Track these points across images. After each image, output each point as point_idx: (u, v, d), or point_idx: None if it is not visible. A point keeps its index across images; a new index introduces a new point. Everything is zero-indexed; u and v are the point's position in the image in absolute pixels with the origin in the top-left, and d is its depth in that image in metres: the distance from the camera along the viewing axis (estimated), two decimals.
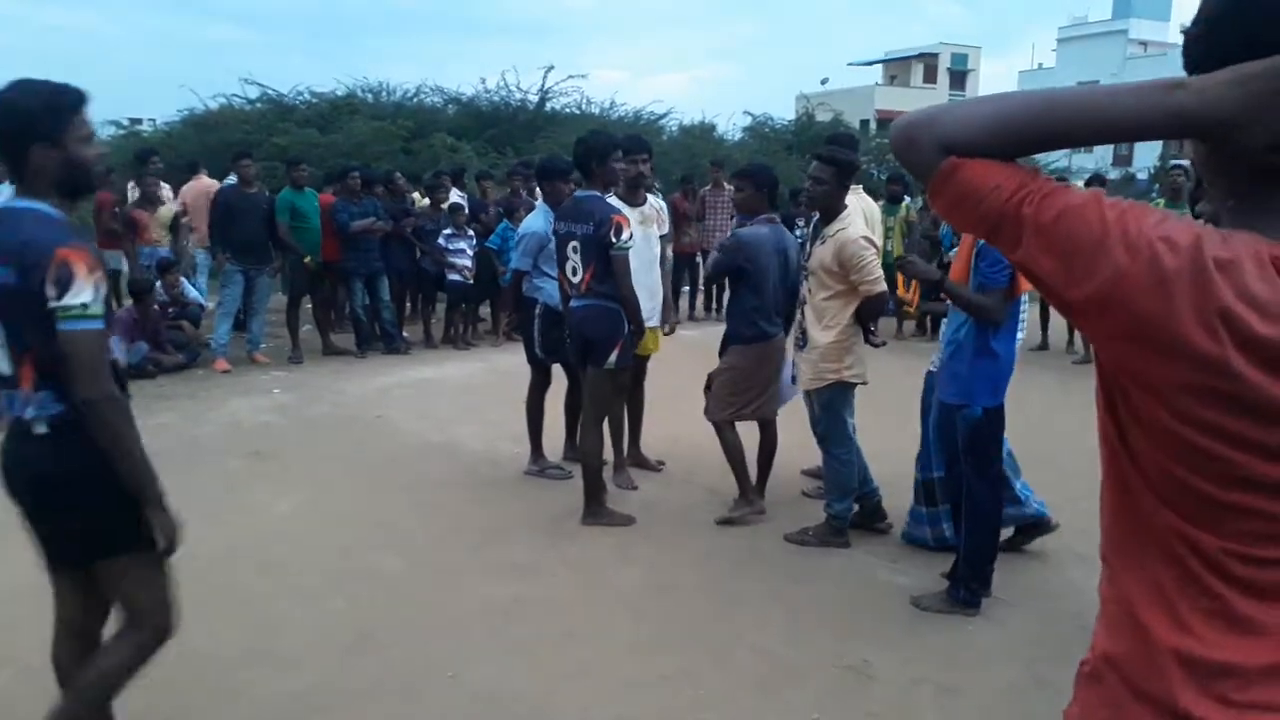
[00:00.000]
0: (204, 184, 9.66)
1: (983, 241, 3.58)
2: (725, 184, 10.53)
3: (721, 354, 4.86)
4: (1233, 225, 0.97)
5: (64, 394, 2.16)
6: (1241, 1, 0.99)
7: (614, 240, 4.48)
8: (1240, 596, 0.98)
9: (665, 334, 5.54)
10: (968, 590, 3.83)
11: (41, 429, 2.19)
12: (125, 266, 9.08)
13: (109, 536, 2.28)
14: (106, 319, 2.17)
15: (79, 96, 2.19)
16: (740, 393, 4.70)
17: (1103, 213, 0.95)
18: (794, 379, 4.62)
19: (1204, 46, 1.02)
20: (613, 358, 4.66)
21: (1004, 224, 1.00)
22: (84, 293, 2.08)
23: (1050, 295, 1.00)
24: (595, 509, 4.76)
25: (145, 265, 8.89)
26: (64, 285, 2.07)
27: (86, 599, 2.42)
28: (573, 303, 4.74)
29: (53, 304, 2.07)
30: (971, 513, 3.77)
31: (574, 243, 4.60)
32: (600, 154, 4.63)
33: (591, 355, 4.70)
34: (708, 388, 4.86)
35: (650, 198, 5.47)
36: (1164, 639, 1.01)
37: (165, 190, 9.48)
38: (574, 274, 4.64)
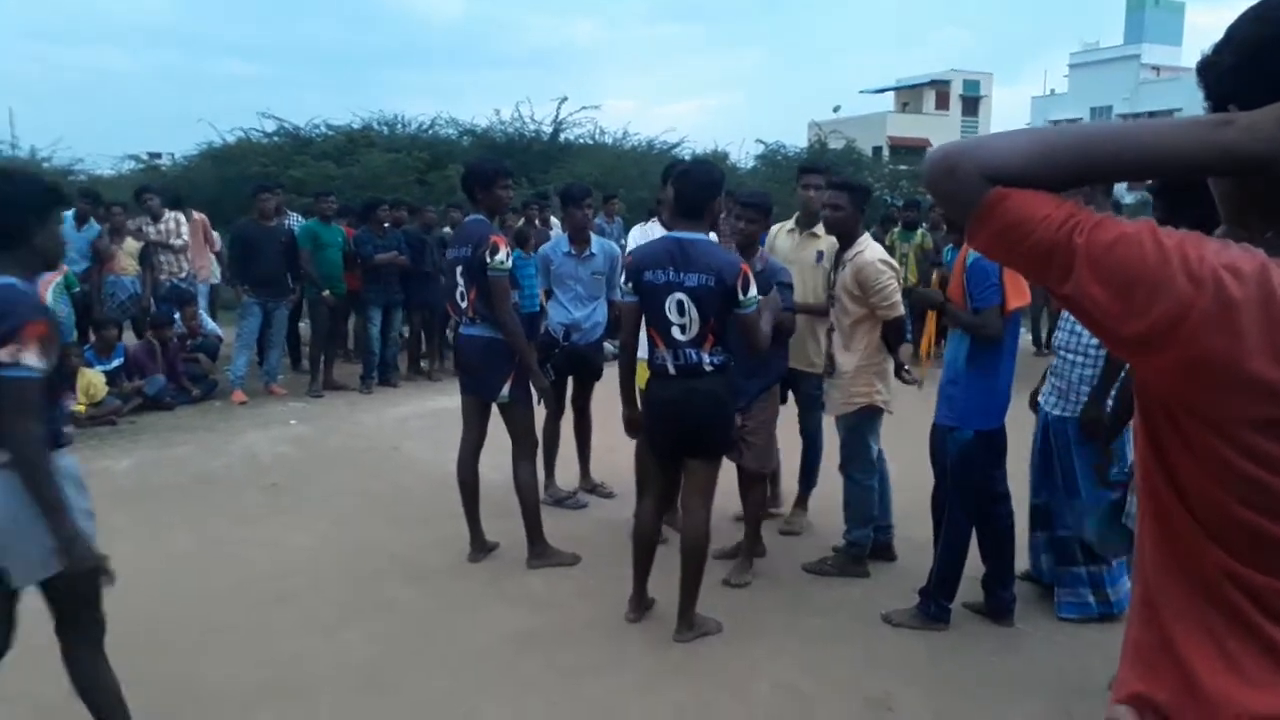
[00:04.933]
0: (196, 218, 9.99)
1: (971, 262, 3.63)
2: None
3: (742, 401, 4.25)
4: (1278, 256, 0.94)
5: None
6: None
7: (488, 260, 4.25)
8: None
9: None
10: (936, 605, 3.89)
11: None
12: (140, 290, 9.04)
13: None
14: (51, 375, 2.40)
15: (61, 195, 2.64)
16: (775, 436, 4.55)
17: (1160, 241, 0.91)
18: (823, 405, 4.56)
19: (1245, 78, 0.99)
20: (504, 391, 4.40)
21: (1054, 255, 0.95)
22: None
23: (1101, 329, 0.96)
24: (540, 549, 4.59)
25: (110, 294, 8.82)
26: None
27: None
28: (461, 329, 4.56)
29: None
30: (948, 531, 3.86)
31: (459, 267, 4.41)
32: (485, 179, 4.44)
33: (483, 388, 4.47)
34: (739, 457, 4.38)
35: (655, 224, 5.24)
36: (1213, 682, 0.96)
37: (177, 224, 9.46)
38: (461, 299, 4.43)
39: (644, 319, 3.72)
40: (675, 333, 3.63)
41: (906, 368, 4.50)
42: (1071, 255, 0.94)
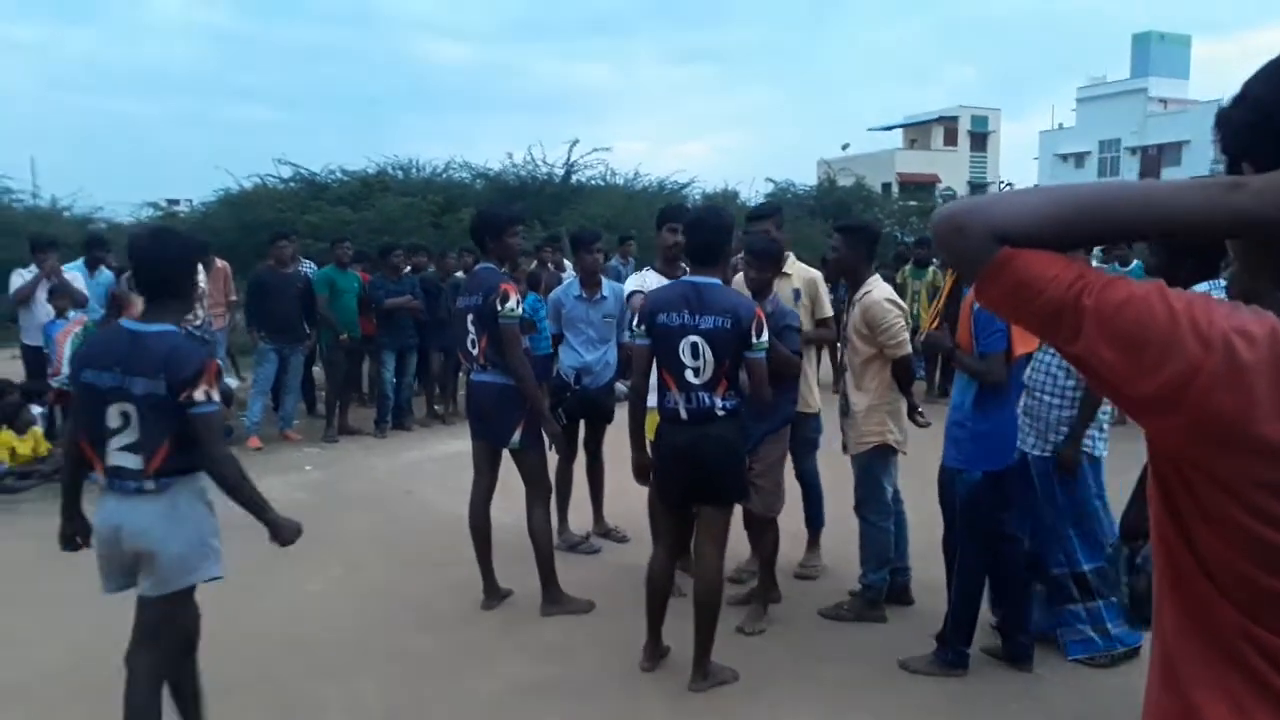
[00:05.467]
0: (219, 266, 10.00)
1: (978, 307, 3.63)
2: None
3: (750, 443, 4.18)
4: None
5: None
6: None
7: (499, 308, 4.27)
8: None
9: None
10: (954, 651, 3.84)
11: None
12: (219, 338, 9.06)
13: None
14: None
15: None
16: (783, 479, 4.47)
17: (1169, 303, 0.91)
18: (844, 447, 4.51)
19: (1258, 136, 1.00)
20: (515, 437, 4.42)
21: (1063, 315, 0.96)
22: None
23: (1109, 390, 0.96)
24: (553, 595, 4.55)
25: None
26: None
27: None
28: (472, 376, 4.59)
29: None
30: (961, 574, 3.83)
31: (470, 315, 4.43)
32: (496, 228, 4.46)
33: (494, 435, 4.49)
34: (747, 501, 4.34)
35: (650, 272, 5.18)
36: None
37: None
38: (472, 346, 4.46)
39: (656, 363, 3.73)
40: (689, 376, 3.63)
41: (920, 409, 4.49)
42: (1081, 315, 0.94)
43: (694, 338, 3.61)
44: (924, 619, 4.31)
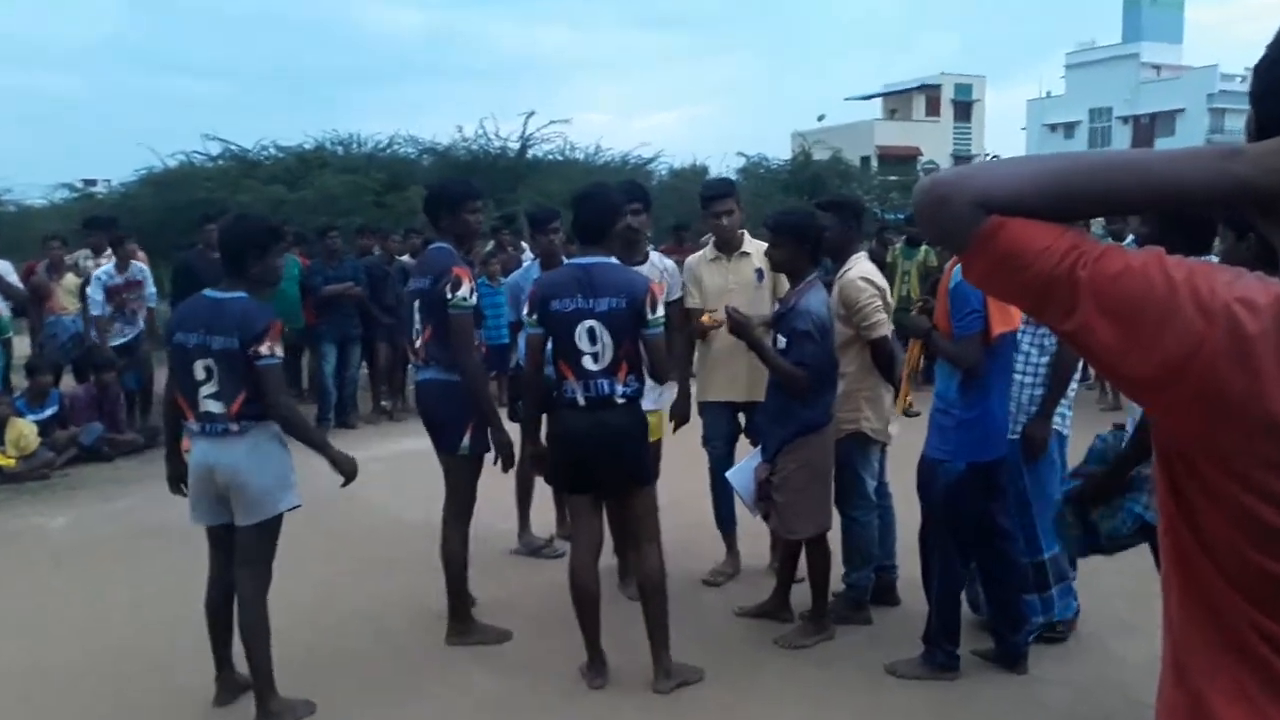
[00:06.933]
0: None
1: (954, 287, 3.65)
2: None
3: (765, 449, 4.26)
4: None
5: None
6: None
7: (449, 296, 4.07)
8: None
9: (674, 425, 4.99)
10: (943, 653, 3.88)
11: None
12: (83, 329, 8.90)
13: None
14: None
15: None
16: (826, 492, 4.23)
17: (1168, 274, 0.91)
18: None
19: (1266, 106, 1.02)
20: (465, 441, 4.21)
21: (1055, 289, 0.96)
22: None
23: (1106, 367, 0.96)
24: (461, 626, 4.32)
25: (51, 335, 8.69)
26: None
27: None
28: (416, 375, 4.45)
29: None
30: (941, 572, 3.87)
31: (417, 301, 4.26)
32: (452, 203, 4.28)
33: (439, 438, 4.30)
34: (766, 516, 4.33)
35: (654, 256, 5.11)
36: None
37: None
38: (416, 337, 4.29)
39: (552, 352, 3.79)
40: (587, 363, 3.70)
41: (910, 401, 4.50)
42: (1075, 289, 0.94)
43: (590, 322, 3.68)
44: (911, 620, 4.33)
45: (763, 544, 5.00)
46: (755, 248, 4.77)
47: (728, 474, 4.53)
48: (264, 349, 3.46)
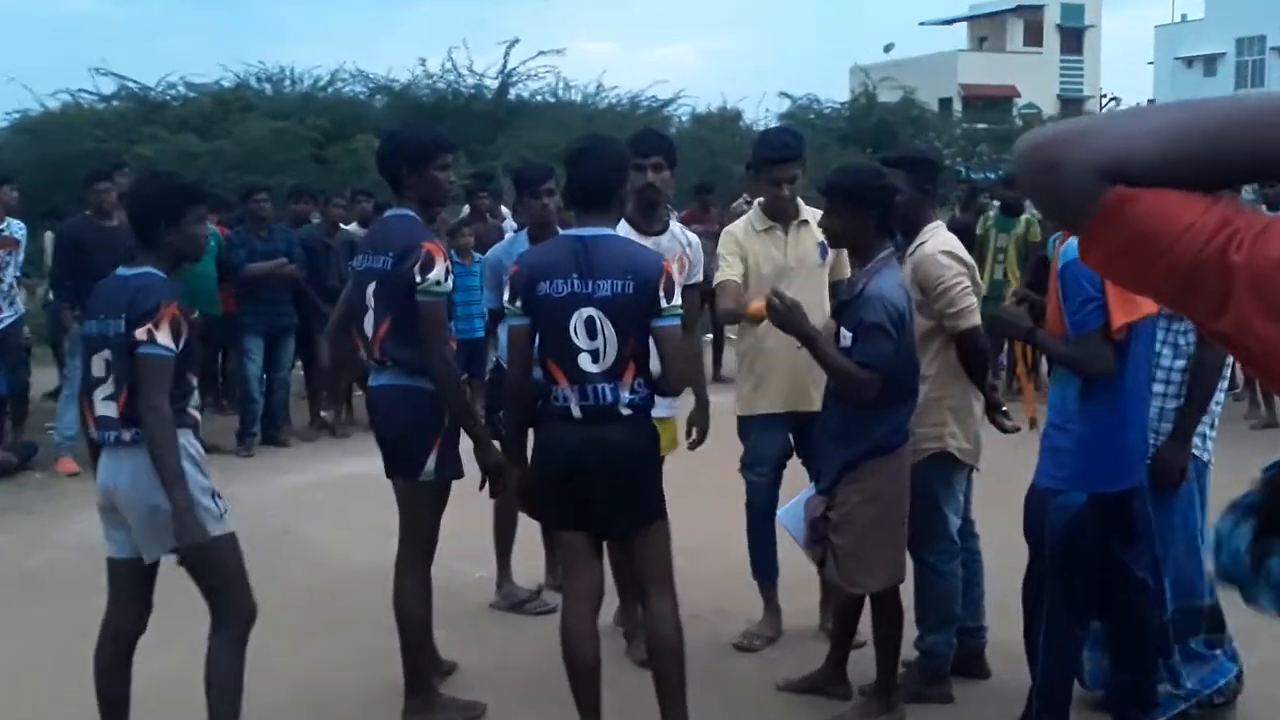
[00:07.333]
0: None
1: (1063, 268, 3.61)
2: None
3: (822, 476, 4.23)
4: None
5: None
6: None
7: (418, 279, 4.01)
8: None
9: (690, 441, 5.04)
10: None
11: None
12: None
13: None
14: None
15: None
16: (899, 533, 4.14)
17: None
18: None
19: None
20: (430, 463, 4.14)
21: (1201, 279, 0.95)
22: None
23: (1274, 381, 0.98)
24: (420, 701, 4.28)
25: None
26: None
27: None
28: (370, 379, 4.43)
29: None
30: (1049, 632, 3.81)
31: (372, 283, 4.20)
32: (416, 157, 4.19)
33: (396, 461, 4.26)
34: (822, 563, 4.27)
35: (674, 226, 5.10)
36: None
37: None
38: (369, 331, 4.24)
39: (539, 348, 3.79)
40: (584, 362, 3.69)
41: (1004, 409, 4.50)
42: (1227, 277, 0.94)
43: (588, 311, 3.66)
44: (1003, 697, 4.34)
45: (810, 597, 5.00)
46: (814, 215, 4.75)
47: (779, 515, 4.52)
48: (143, 333, 3.46)
